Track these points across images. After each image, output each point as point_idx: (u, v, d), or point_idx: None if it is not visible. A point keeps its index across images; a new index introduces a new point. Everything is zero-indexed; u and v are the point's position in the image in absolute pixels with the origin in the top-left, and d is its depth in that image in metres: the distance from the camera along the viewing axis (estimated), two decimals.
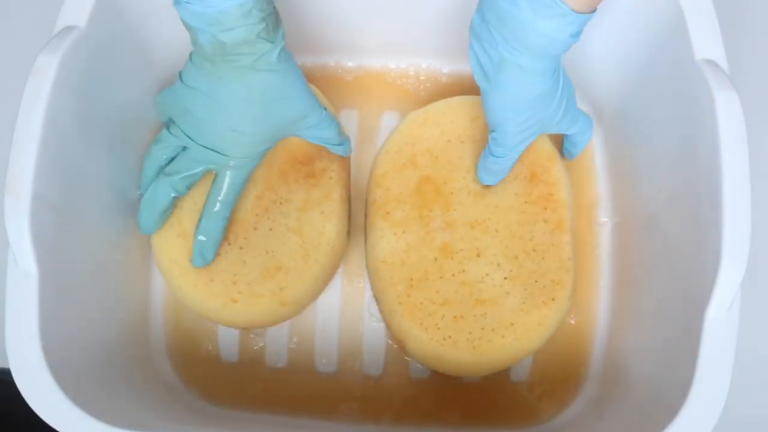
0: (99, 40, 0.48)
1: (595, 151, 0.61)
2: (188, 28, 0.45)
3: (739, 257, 0.40)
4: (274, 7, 0.46)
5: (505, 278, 0.52)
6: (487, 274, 0.52)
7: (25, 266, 0.42)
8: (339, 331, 0.57)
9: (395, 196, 0.54)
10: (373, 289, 0.54)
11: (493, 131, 0.50)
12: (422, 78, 0.63)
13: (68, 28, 0.46)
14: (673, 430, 0.40)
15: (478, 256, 0.52)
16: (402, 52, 0.62)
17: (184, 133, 0.51)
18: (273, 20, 0.46)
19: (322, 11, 0.58)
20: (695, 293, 0.43)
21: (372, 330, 0.57)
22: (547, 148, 0.55)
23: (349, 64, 0.63)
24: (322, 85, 0.62)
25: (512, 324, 0.51)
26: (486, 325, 0.51)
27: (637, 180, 0.55)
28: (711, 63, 0.45)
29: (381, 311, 0.53)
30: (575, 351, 0.56)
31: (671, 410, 0.41)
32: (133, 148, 0.55)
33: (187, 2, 0.43)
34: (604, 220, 0.59)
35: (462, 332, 0.51)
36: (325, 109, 0.53)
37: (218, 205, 0.51)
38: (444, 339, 0.51)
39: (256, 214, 0.53)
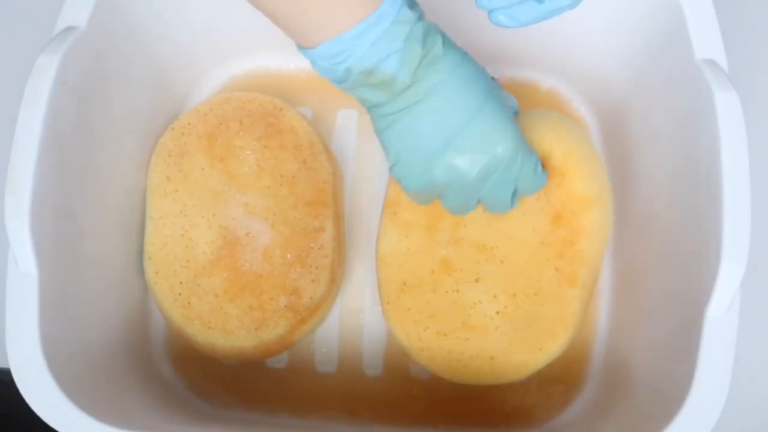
0: (99, 41, 0.48)
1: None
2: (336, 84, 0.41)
3: (739, 257, 0.40)
4: None
5: (497, 312, 0.50)
6: (480, 302, 0.50)
7: (25, 266, 0.42)
8: (339, 331, 0.57)
9: (407, 198, 0.52)
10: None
11: None
12: None
13: (69, 29, 0.46)
14: (673, 430, 0.40)
15: (477, 281, 0.51)
16: None
17: None
18: (424, 30, 0.40)
19: None
20: (695, 293, 0.43)
21: (372, 330, 0.57)
22: (583, 191, 0.50)
23: None
24: (322, 85, 0.62)
25: (491, 358, 0.50)
26: (466, 350, 0.50)
27: (636, 180, 0.55)
28: (711, 63, 0.45)
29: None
30: (575, 351, 0.56)
31: (671, 410, 0.41)
32: (133, 148, 0.56)
33: (320, 58, 0.38)
34: None
35: (441, 349, 0.50)
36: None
37: None
38: (422, 350, 0.50)
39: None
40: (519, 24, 0.40)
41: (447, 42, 0.42)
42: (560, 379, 0.56)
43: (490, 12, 0.40)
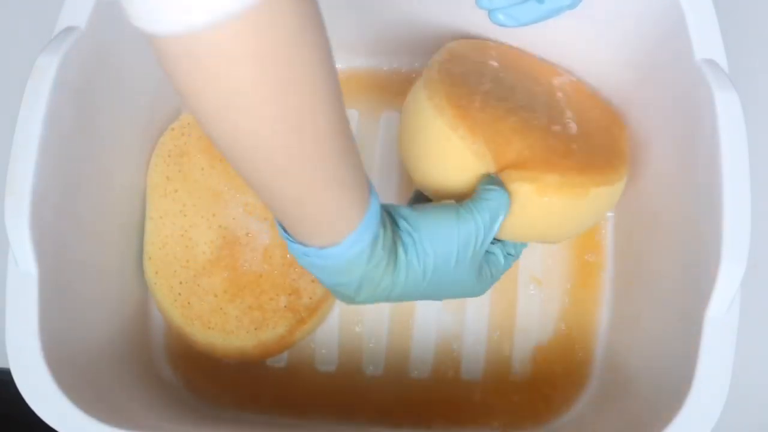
0: (99, 41, 0.48)
1: None
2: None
3: (739, 257, 0.40)
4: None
5: None
6: None
7: (25, 266, 0.42)
8: (339, 331, 0.57)
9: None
10: None
11: None
12: (414, 77, 0.63)
13: (68, 29, 0.46)
14: (673, 430, 0.40)
15: None
16: (395, 52, 0.62)
17: None
18: (391, 243, 0.40)
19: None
20: (695, 293, 0.43)
21: (372, 330, 0.57)
22: None
23: (339, 65, 0.63)
24: None
25: None
26: None
27: (637, 180, 0.55)
28: (711, 63, 0.45)
29: None
30: (575, 351, 0.56)
31: (671, 410, 0.41)
32: (133, 148, 0.56)
33: (305, 255, 0.38)
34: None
35: None
36: (476, 205, 0.44)
37: None
38: None
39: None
40: (519, 24, 0.40)
41: (407, 251, 0.41)
42: (560, 379, 0.56)
43: (490, 12, 0.40)
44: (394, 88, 0.63)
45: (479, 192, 0.44)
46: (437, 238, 0.41)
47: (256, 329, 0.53)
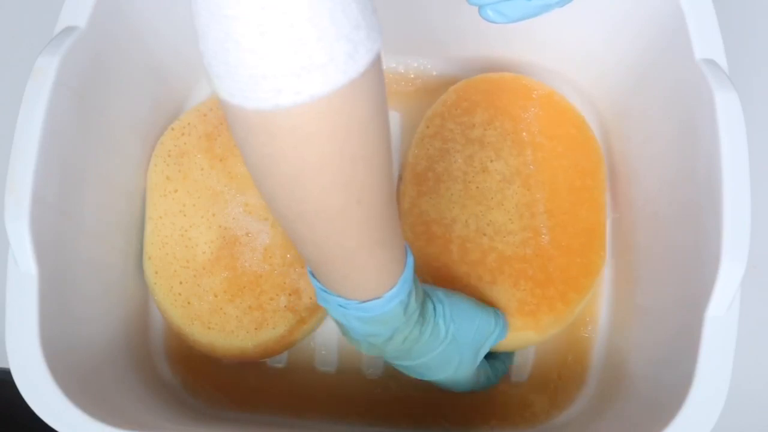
0: (99, 41, 0.48)
1: None
2: (338, 324, 0.43)
3: (739, 257, 0.40)
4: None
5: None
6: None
7: (25, 266, 0.42)
8: (339, 331, 0.57)
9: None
10: None
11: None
12: (412, 77, 0.63)
13: (69, 29, 0.46)
14: (673, 430, 0.40)
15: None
16: (395, 52, 0.62)
17: None
18: (423, 295, 0.43)
19: None
20: (695, 292, 0.43)
21: None
22: None
23: None
24: None
25: None
26: None
27: (637, 180, 0.55)
28: (711, 63, 0.45)
29: None
30: (575, 351, 0.56)
31: (671, 410, 0.41)
32: (133, 148, 0.56)
33: (342, 306, 0.40)
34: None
35: None
36: (494, 312, 0.50)
37: None
38: None
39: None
40: (507, 20, 0.41)
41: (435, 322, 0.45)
42: (560, 379, 0.56)
43: (480, 8, 0.41)
44: (393, 88, 0.63)
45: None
46: (460, 313, 0.46)
47: (256, 329, 0.53)
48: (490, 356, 0.53)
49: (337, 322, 0.43)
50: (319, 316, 0.55)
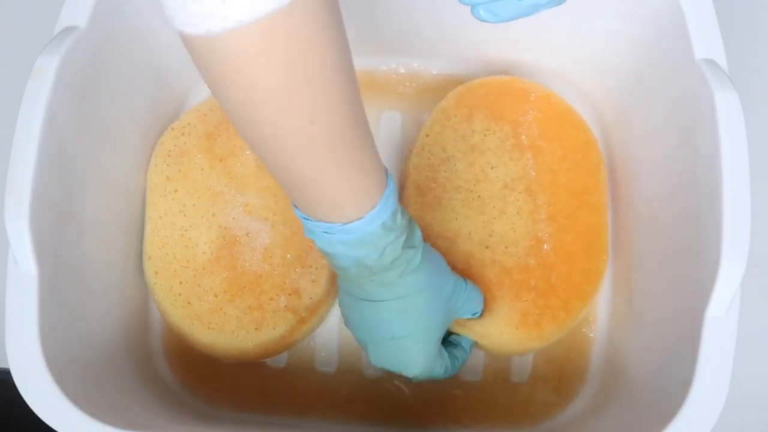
0: (99, 41, 0.48)
1: None
2: (326, 255, 0.43)
3: (739, 257, 0.40)
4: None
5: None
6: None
7: (25, 266, 0.42)
8: (339, 331, 0.57)
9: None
10: None
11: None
12: (412, 77, 0.63)
13: (68, 29, 0.46)
14: (673, 430, 0.40)
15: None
16: (395, 52, 0.62)
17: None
18: (408, 220, 0.43)
19: None
20: (695, 293, 0.43)
21: None
22: None
23: None
24: None
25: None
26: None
27: (637, 179, 0.55)
28: (711, 63, 0.45)
29: None
30: (575, 351, 0.56)
31: (671, 410, 0.41)
32: (133, 148, 0.56)
33: (327, 233, 0.40)
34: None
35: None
36: (461, 278, 0.50)
37: None
38: None
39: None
40: (499, 20, 0.41)
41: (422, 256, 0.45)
42: (560, 379, 0.56)
43: (472, 7, 0.41)
44: (393, 88, 0.63)
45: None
46: (442, 264, 0.48)
47: (256, 329, 0.53)
48: (450, 344, 0.52)
49: (325, 254, 0.42)
50: (319, 316, 0.55)
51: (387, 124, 0.62)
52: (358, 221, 0.39)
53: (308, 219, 0.41)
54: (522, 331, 0.52)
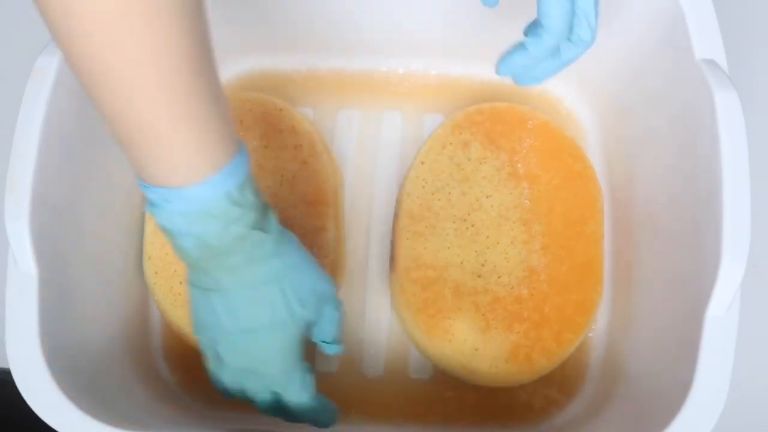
0: None
1: (594, 151, 0.60)
2: (167, 233, 0.39)
3: (739, 257, 0.40)
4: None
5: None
6: None
7: (25, 266, 0.42)
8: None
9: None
10: None
11: None
12: (412, 77, 0.63)
13: None
14: (673, 430, 0.40)
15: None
16: (395, 53, 0.62)
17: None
18: (264, 204, 0.41)
19: (319, 13, 0.58)
20: (695, 293, 0.43)
21: (372, 330, 0.57)
22: None
23: (339, 66, 0.63)
24: (322, 85, 0.62)
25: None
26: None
27: (637, 180, 0.55)
28: (711, 63, 0.45)
29: None
30: (575, 351, 0.56)
31: (671, 410, 0.41)
32: None
33: (166, 201, 0.37)
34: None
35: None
36: (337, 299, 0.47)
37: None
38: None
39: None
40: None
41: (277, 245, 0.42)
42: (560, 379, 0.56)
43: (513, 77, 0.44)
44: (393, 89, 0.63)
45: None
46: (303, 253, 0.44)
47: None
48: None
49: (165, 232, 0.39)
50: None
51: (387, 124, 0.62)
52: (197, 186, 0.37)
53: (147, 186, 0.38)
54: (512, 364, 0.52)
